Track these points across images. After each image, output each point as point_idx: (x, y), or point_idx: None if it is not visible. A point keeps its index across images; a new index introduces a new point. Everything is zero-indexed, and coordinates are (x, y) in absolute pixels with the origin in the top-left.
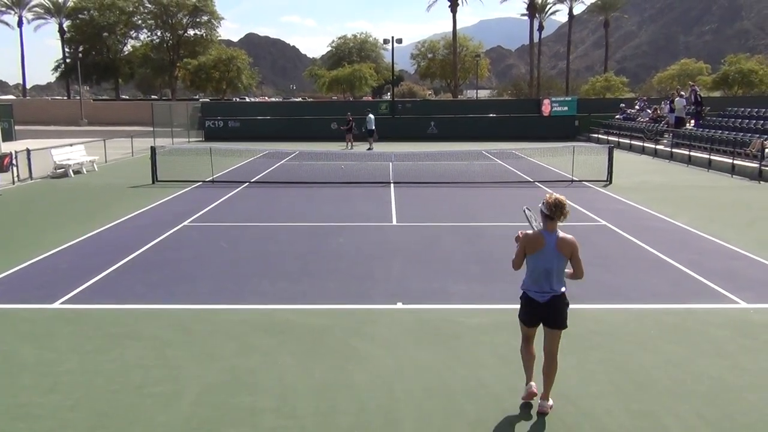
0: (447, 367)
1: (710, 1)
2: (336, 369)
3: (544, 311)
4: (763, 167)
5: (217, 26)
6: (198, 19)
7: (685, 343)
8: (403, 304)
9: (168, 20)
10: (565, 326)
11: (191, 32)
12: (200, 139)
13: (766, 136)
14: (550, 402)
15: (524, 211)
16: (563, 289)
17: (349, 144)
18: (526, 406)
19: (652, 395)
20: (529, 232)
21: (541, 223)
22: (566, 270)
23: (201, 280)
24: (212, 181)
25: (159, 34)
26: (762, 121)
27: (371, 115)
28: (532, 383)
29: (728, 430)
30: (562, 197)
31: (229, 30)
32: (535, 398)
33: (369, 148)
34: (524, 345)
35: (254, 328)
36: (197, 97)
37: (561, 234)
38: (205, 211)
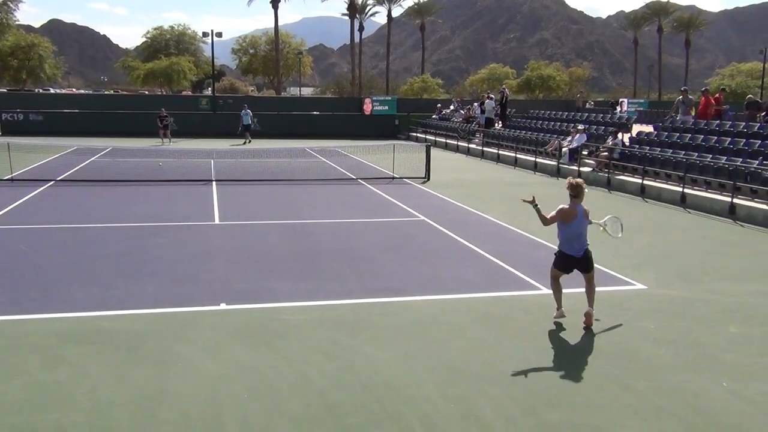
0: (272, 366)
1: (515, 10)
2: (155, 377)
3: (580, 263)
4: (560, 165)
5: (15, 9)
6: None
7: (495, 329)
8: (226, 304)
9: None
10: (593, 267)
11: None
12: None
13: (562, 137)
14: (593, 310)
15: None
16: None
17: (166, 140)
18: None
19: (466, 379)
20: (566, 206)
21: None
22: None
23: None
24: (11, 180)
25: None
26: (559, 123)
27: (248, 110)
28: (562, 309)
29: (535, 407)
30: (582, 180)
31: (29, 14)
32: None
33: (245, 142)
34: (554, 282)
35: (62, 339)
36: None
37: (582, 205)
38: (1, 213)
